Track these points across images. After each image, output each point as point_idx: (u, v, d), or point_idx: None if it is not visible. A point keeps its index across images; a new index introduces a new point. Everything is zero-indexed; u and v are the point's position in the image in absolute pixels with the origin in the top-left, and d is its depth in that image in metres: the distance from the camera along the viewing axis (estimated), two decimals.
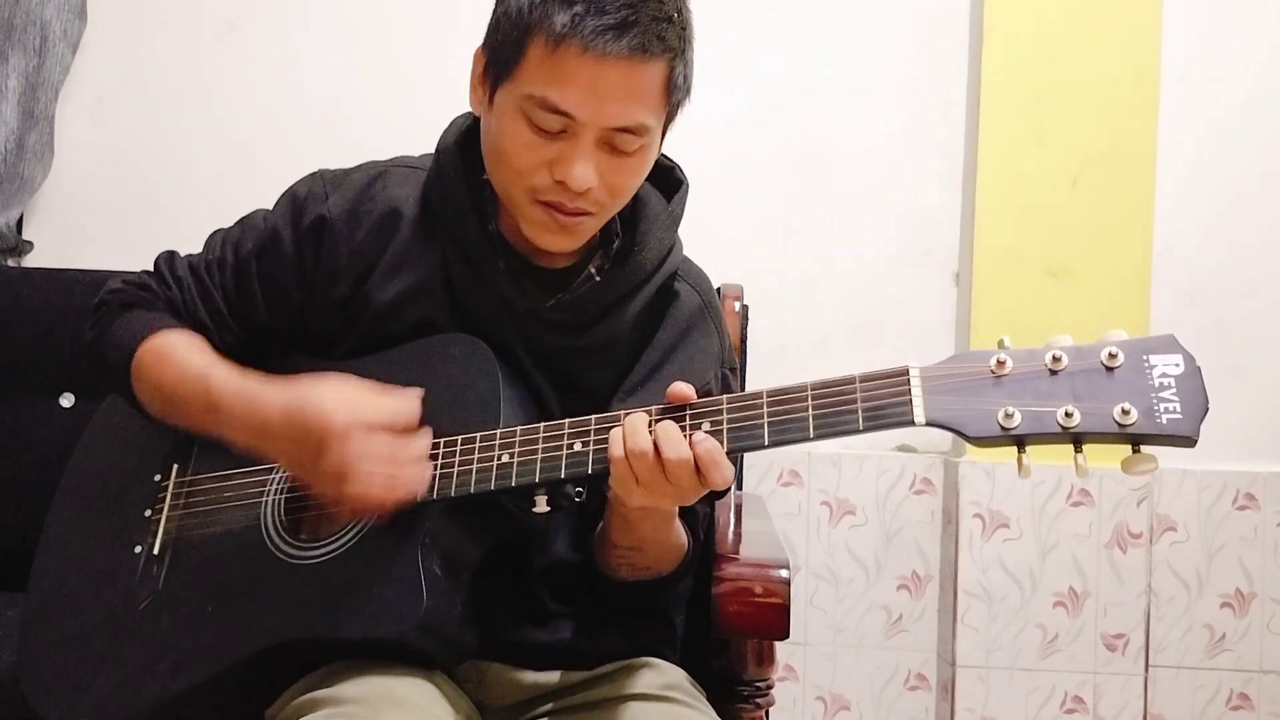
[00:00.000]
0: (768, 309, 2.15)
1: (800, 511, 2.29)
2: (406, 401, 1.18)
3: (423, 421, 1.23)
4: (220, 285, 1.35)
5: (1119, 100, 2.22)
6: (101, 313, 1.37)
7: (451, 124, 1.36)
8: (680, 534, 1.29)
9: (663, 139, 1.30)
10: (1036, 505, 2.19)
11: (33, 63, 2.22)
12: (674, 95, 1.24)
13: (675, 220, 1.36)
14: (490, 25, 1.26)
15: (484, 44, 1.28)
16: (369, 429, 1.14)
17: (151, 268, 1.40)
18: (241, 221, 1.40)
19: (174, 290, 1.36)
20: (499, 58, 1.22)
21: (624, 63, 1.17)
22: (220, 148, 2.32)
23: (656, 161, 1.31)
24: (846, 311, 2.30)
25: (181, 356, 1.28)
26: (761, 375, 2.05)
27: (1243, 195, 2.29)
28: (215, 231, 1.41)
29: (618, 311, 1.32)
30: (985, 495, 2.19)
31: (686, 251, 1.43)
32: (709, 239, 1.81)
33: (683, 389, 1.13)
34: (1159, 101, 2.22)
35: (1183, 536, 2.22)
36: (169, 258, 1.40)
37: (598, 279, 1.33)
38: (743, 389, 1.91)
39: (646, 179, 1.32)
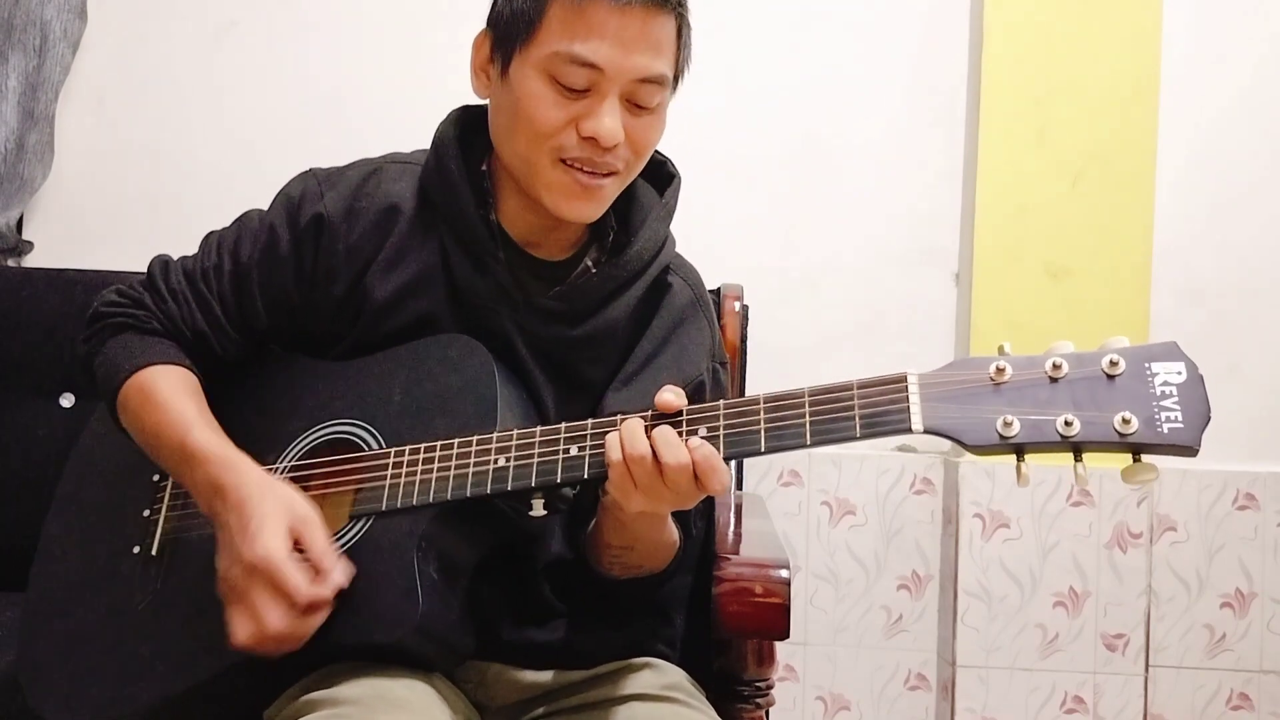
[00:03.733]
0: (768, 309, 2.15)
1: (800, 511, 2.29)
2: (334, 575, 1.14)
3: (422, 424, 1.23)
4: (218, 293, 1.34)
5: (1119, 100, 2.22)
6: (95, 328, 1.36)
7: (447, 117, 1.36)
8: (672, 531, 1.30)
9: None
10: (1036, 505, 2.19)
11: (33, 63, 2.22)
12: (682, 53, 1.28)
13: (669, 213, 1.37)
14: (495, 4, 1.29)
15: (488, 24, 1.30)
16: (275, 580, 1.12)
17: (146, 274, 1.38)
18: (237, 223, 1.39)
19: (169, 304, 1.34)
20: (513, 28, 1.24)
21: (644, 12, 1.21)
22: (221, 147, 2.32)
23: (650, 155, 1.32)
24: (846, 311, 2.31)
25: (164, 401, 1.27)
26: (762, 375, 2.04)
27: (1243, 195, 2.29)
28: (210, 234, 1.39)
29: (613, 303, 1.33)
30: (985, 495, 2.19)
31: (687, 250, 1.44)
32: (710, 238, 1.82)
33: (670, 399, 1.13)
34: (1159, 101, 2.22)
35: (1183, 536, 2.22)
36: (163, 267, 1.38)
37: (594, 271, 1.33)
38: (742, 388, 1.91)
39: (640, 173, 1.33)
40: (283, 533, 1.14)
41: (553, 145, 1.24)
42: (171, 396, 1.28)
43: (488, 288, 1.30)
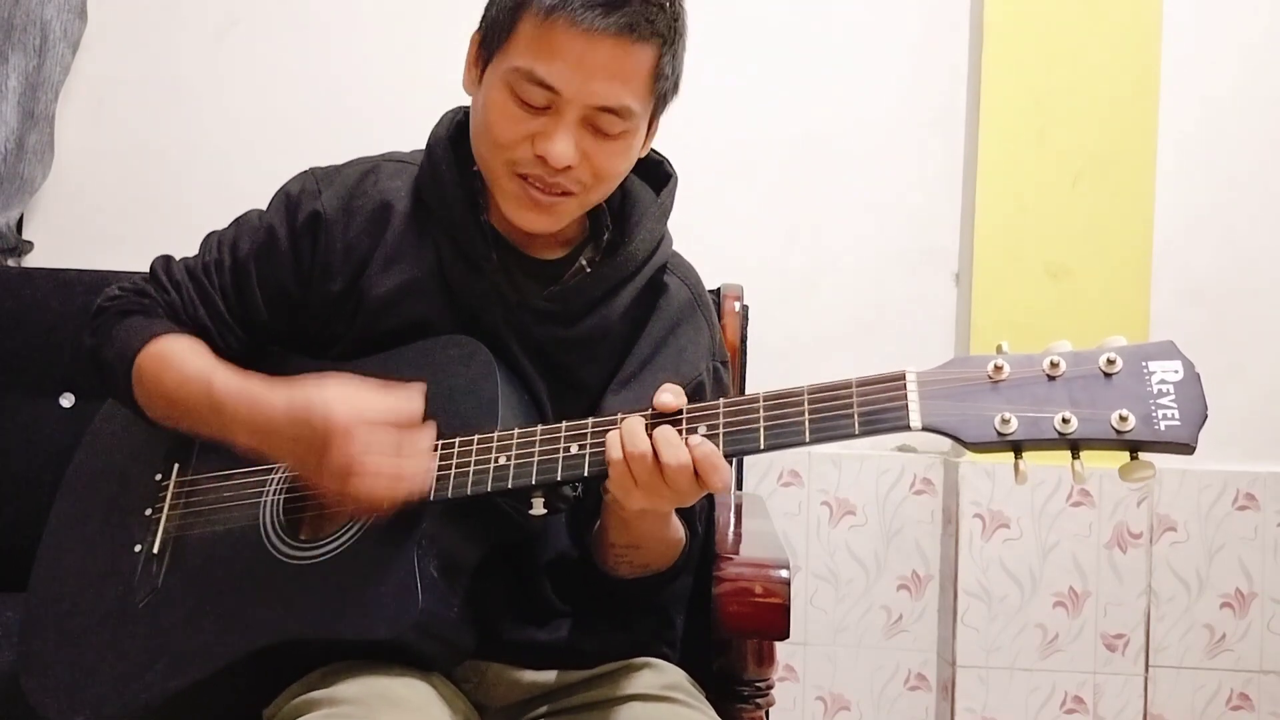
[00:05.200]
0: (768, 309, 2.15)
1: (800, 511, 2.29)
2: (409, 398, 1.17)
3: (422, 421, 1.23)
4: (219, 287, 1.35)
5: (1119, 100, 2.22)
6: (100, 320, 1.37)
7: (443, 117, 1.37)
8: (677, 529, 1.29)
9: (650, 132, 1.32)
10: (1036, 505, 2.19)
11: (33, 63, 2.22)
12: (660, 84, 1.26)
13: (665, 213, 1.37)
14: (486, 5, 1.29)
15: (480, 25, 1.30)
16: (372, 425, 1.14)
17: (148, 272, 1.40)
18: (236, 222, 1.40)
19: (172, 294, 1.36)
20: (491, 34, 1.25)
21: (612, 40, 1.19)
22: (220, 147, 2.32)
23: (646, 156, 1.32)
24: (846, 311, 2.31)
25: (182, 361, 1.28)
26: (762, 375, 2.04)
27: (1243, 195, 2.29)
28: (210, 233, 1.41)
29: (608, 304, 1.33)
30: (985, 495, 2.19)
31: (687, 250, 1.44)
32: (710, 239, 1.82)
33: (669, 400, 1.12)
34: (1159, 101, 2.22)
35: (1183, 536, 2.22)
36: (165, 262, 1.39)
37: (588, 271, 1.33)
38: (742, 388, 1.92)
39: (636, 173, 1.33)
40: (349, 405, 1.14)
41: (508, 158, 1.24)
42: (188, 356, 1.29)
43: (481, 289, 1.30)
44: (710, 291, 1.50)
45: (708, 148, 2.26)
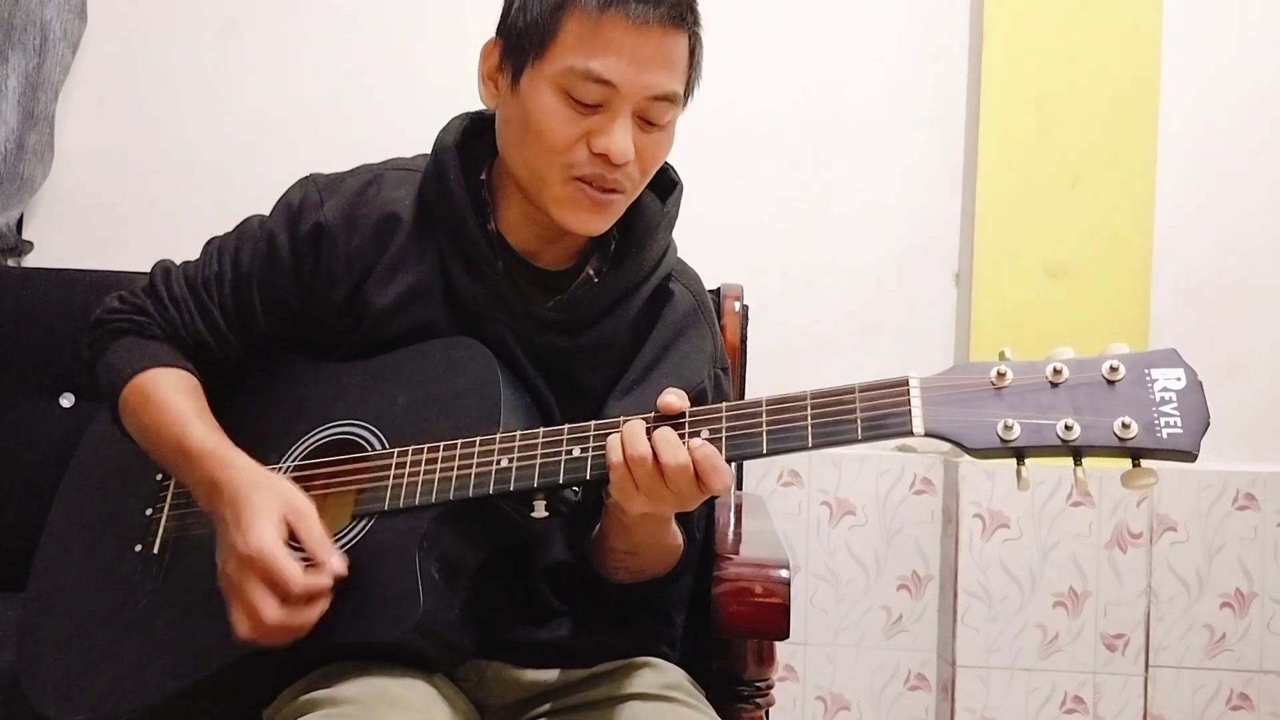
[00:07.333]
0: (768, 309, 2.15)
1: (800, 511, 2.29)
2: (319, 580, 1.13)
3: (425, 425, 1.23)
4: (219, 302, 1.35)
5: (1119, 100, 2.22)
6: (97, 334, 1.38)
7: (449, 124, 1.36)
8: (676, 535, 1.29)
9: None
10: (1036, 505, 2.19)
11: (33, 63, 2.22)
12: (693, 72, 1.29)
13: (671, 222, 1.37)
14: (508, 13, 1.28)
15: (498, 34, 1.29)
16: (269, 571, 1.12)
17: (148, 280, 1.39)
18: (238, 230, 1.39)
19: (171, 312, 1.35)
20: (525, 41, 1.24)
21: (660, 30, 1.21)
22: (220, 148, 2.32)
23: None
24: (846, 311, 2.31)
25: (162, 401, 1.28)
26: (761, 375, 2.04)
27: (1243, 195, 2.29)
28: (212, 240, 1.40)
29: (614, 313, 1.33)
30: (985, 495, 2.19)
31: (687, 250, 1.44)
32: (710, 239, 1.82)
33: (673, 401, 1.13)
34: (1159, 101, 2.22)
35: (1183, 536, 2.22)
36: (165, 273, 1.38)
37: (596, 281, 1.33)
38: (742, 388, 1.92)
39: None
40: (276, 524, 1.14)
41: (564, 161, 1.23)
42: (170, 396, 1.29)
43: (485, 297, 1.30)
44: (710, 291, 1.50)
45: (707, 147, 2.26)
